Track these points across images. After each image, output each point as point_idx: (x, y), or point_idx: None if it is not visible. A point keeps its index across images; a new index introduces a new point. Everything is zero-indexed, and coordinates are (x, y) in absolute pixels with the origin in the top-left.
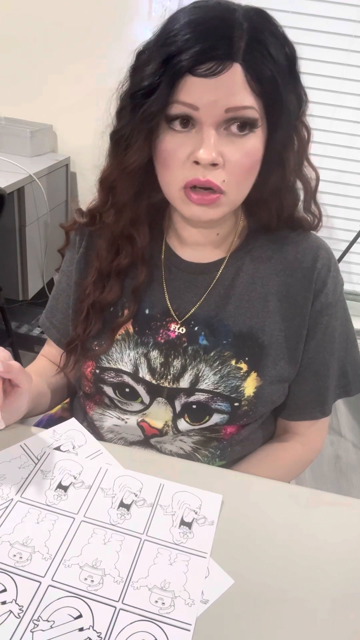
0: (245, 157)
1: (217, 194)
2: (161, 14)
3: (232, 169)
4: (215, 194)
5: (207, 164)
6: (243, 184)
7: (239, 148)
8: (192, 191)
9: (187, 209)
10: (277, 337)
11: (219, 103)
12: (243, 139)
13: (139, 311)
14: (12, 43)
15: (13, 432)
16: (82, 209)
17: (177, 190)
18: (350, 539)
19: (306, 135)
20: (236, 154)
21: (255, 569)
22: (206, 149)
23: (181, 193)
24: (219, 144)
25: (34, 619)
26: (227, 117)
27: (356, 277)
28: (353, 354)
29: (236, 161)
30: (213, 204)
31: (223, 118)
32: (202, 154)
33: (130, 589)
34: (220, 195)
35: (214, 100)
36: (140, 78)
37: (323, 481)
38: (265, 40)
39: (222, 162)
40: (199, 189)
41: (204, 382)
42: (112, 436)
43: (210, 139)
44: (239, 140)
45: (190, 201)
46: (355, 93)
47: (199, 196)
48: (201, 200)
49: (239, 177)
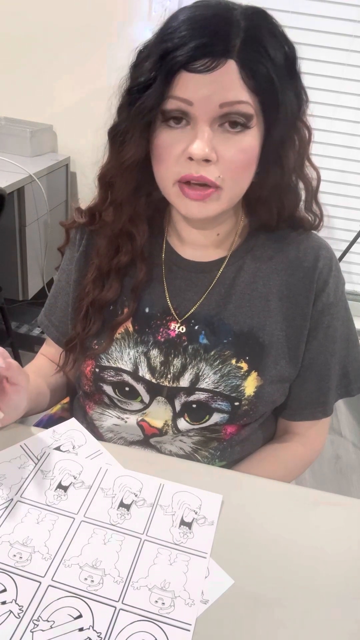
0: (240, 154)
1: (211, 189)
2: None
3: (226, 165)
4: (210, 189)
5: (200, 160)
6: (239, 180)
7: (234, 145)
8: (186, 186)
9: (183, 205)
10: (278, 336)
11: (214, 98)
12: (238, 136)
13: (139, 310)
14: (12, 43)
15: (13, 432)
16: (81, 208)
17: (172, 185)
18: (350, 539)
19: (307, 135)
20: (230, 150)
21: (255, 569)
22: (199, 145)
23: (175, 188)
24: (213, 140)
25: (34, 619)
26: (221, 113)
27: (356, 277)
28: (354, 354)
29: (230, 157)
30: (208, 199)
31: (218, 114)
32: (194, 149)
33: (130, 589)
34: (215, 190)
35: (209, 96)
36: (137, 74)
37: (323, 481)
38: (262, 39)
39: (216, 158)
40: (193, 185)
41: (204, 381)
42: (112, 436)
43: (204, 135)
44: (234, 137)
45: (185, 196)
46: (355, 93)
47: (194, 191)
48: (195, 195)
49: (233, 173)
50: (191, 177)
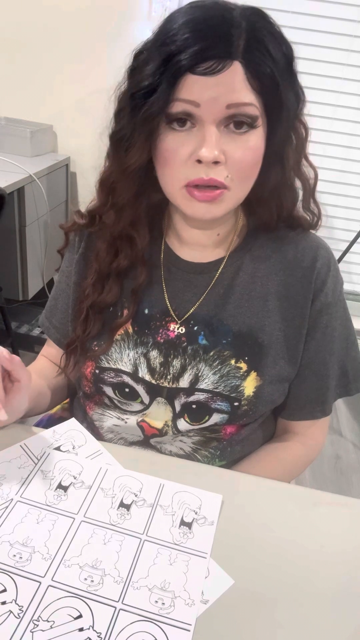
0: (248, 154)
1: (220, 190)
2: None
3: (234, 165)
4: (219, 190)
5: (210, 162)
6: (246, 180)
7: (241, 145)
8: (195, 189)
9: (190, 206)
10: (277, 336)
11: (220, 99)
12: (244, 136)
13: (139, 311)
14: (12, 43)
15: (13, 432)
16: (81, 211)
17: (179, 188)
18: (350, 539)
19: (304, 134)
20: (238, 150)
21: (255, 569)
22: (208, 147)
23: (183, 191)
24: (220, 141)
25: (34, 619)
26: (228, 114)
27: (356, 277)
28: (353, 353)
29: (238, 158)
30: (216, 200)
31: (224, 115)
32: (204, 152)
33: (130, 589)
34: (224, 191)
35: (215, 97)
36: (139, 78)
37: (323, 481)
38: (264, 39)
39: (224, 160)
40: (202, 187)
41: (203, 381)
42: (112, 436)
43: (211, 137)
44: (240, 138)
45: (193, 198)
46: (355, 93)
47: (202, 193)
48: (204, 196)
49: (242, 173)
50: (201, 180)
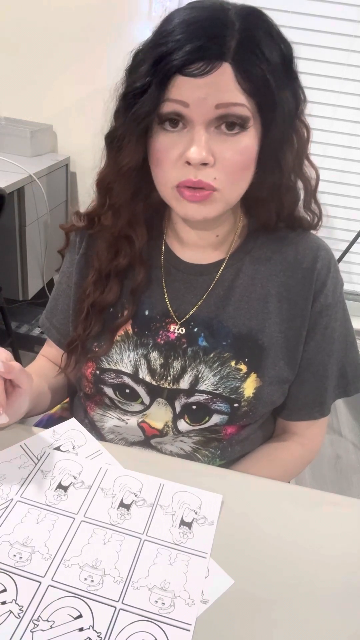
0: (238, 155)
1: (208, 191)
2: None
3: (223, 166)
4: (207, 191)
5: (198, 164)
6: (237, 181)
7: (231, 146)
8: (185, 189)
9: (181, 207)
10: (277, 338)
11: (209, 100)
12: (235, 137)
13: (139, 312)
14: (12, 43)
15: (13, 432)
16: (80, 212)
17: (170, 189)
18: (350, 539)
19: (306, 134)
20: (228, 152)
21: (255, 569)
22: (196, 149)
23: (174, 191)
24: (209, 142)
25: (34, 619)
26: (217, 114)
27: (356, 277)
28: (352, 354)
29: (228, 159)
30: (205, 201)
31: (214, 115)
32: (192, 154)
33: (130, 589)
34: (212, 192)
35: (204, 97)
36: (133, 79)
37: (323, 481)
38: (258, 39)
39: (213, 161)
40: (192, 188)
41: (203, 383)
42: (113, 437)
43: (200, 138)
44: (231, 139)
45: (184, 198)
46: (355, 93)
47: (191, 193)
48: (194, 197)
49: (231, 175)
50: (190, 182)
